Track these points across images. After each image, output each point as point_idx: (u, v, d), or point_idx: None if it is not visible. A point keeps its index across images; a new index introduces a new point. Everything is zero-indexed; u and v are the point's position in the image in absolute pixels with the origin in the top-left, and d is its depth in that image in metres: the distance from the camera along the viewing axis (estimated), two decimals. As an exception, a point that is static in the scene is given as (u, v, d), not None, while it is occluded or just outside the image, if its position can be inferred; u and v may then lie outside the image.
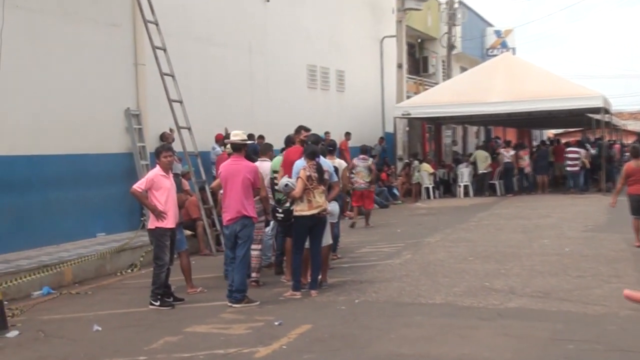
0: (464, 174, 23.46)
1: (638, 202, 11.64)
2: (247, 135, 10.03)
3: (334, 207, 9.83)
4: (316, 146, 9.21)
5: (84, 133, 12.56)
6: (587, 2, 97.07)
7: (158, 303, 8.47)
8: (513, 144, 26.50)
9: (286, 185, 8.73)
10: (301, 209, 8.68)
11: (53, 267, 9.85)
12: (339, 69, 22.70)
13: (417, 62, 31.03)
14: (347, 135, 21.57)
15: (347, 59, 23.12)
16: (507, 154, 23.64)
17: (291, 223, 8.95)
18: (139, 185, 8.60)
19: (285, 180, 8.84)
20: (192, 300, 8.85)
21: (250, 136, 12.71)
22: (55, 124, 11.99)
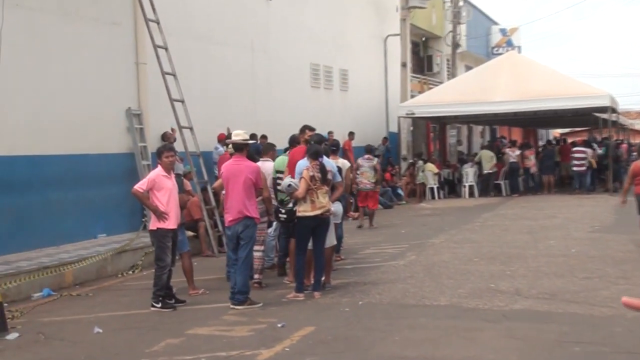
0: (469, 174, 23.36)
1: (645, 202, 11.54)
2: (250, 135, 9.96)
3: (337, 208, 9.77)
4: (319, 146, 9.14)
5: (85, 133, 12.51)
6: (594, 0, 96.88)
7: (159, 305, 8.43)
8: (519, 143, 26.44)
9: (289, 185, 8.69)
10: (304, 210, 8.62)
11: (53, 269, 9.83)
12: (343, 67, 22.62)
13: (422, 60, 30.88)
14: (351, 134, 21.46)
15: (351, 57, 23.04)
16: (513, 154, 23.51)
17: (294, 224, 8.88)
18: (140, 186, 8.56)
19: (288, 181, 8.81)
20: (194, 302, 8.81)
21: (253, 136, 12.63)
22: (56, 123, 11.94)
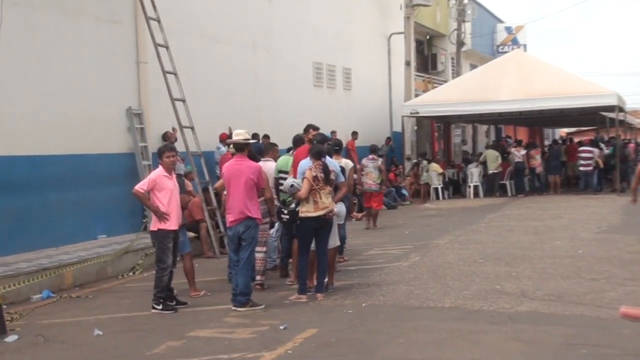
0: (474, 174, 23.28)
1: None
2: (252, 134, 9.88)
3: (340, 208, 9.72)
4: (322, 146, 9.12)
5: (85, 133, 12.46)
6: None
7: (160, 307, 8.39)
8: (524, 143, 26.42)
9: (291, 185, 8.63)
10: (307, 210, 8.56)
11: (53, 270, 9.81)
12: (346, 66, 22.56)
13: (426, 59, 30.75)
14: (354, 134, 21.42)
15: (354, 56, 22.99)
16: (518, 154, 23.42)
17: (297, 225, 8.81)
18: (141, 186, 8.52)
19: (290, 181, 8.77)
20: (195, 303, 8.77)
21: (255, 135, 12.57)
22: (56, 123, 11.90)
